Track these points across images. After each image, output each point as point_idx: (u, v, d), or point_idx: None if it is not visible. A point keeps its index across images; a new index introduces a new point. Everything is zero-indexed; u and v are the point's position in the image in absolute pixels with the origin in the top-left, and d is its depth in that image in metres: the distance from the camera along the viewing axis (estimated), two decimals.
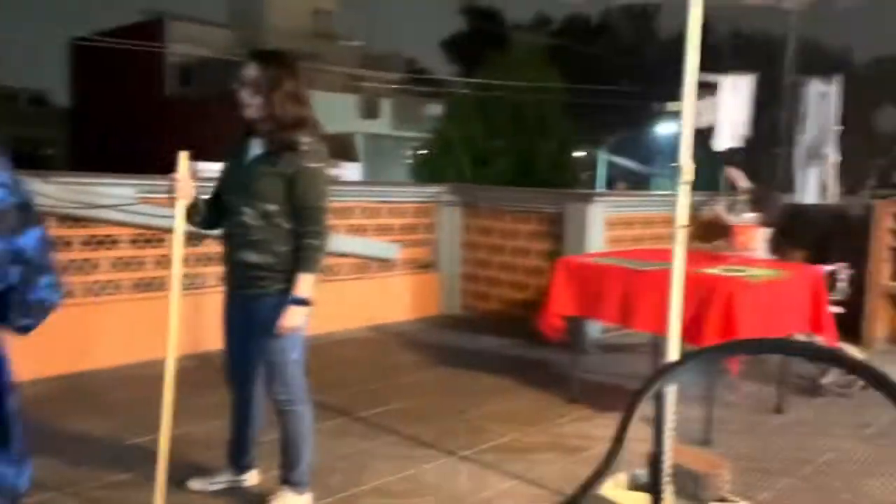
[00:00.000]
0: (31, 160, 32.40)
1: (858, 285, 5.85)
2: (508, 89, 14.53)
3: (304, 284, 2.71)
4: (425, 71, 32.71)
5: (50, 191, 4.41)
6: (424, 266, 6.83)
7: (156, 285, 5.01)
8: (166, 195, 2.73)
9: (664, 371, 1.52)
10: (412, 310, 6.67)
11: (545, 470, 3.43)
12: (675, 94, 2.93)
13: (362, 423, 3.96)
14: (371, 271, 6.38)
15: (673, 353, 2.98)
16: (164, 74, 27.76)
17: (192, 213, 2.79)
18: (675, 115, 3.04)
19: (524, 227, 6.48)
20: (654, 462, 1.56)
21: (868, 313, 6.16)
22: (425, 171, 15.10)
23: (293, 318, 2.71)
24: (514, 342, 5.87)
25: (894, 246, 6.21)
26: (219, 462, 3.19)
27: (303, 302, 2.71)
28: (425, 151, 15.63)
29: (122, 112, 28.46)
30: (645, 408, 1.55)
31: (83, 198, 4.59)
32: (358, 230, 6.26)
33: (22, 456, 1.29)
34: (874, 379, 1.37)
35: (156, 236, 4.97)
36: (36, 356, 4.45)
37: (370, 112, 27.28)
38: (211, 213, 2.86)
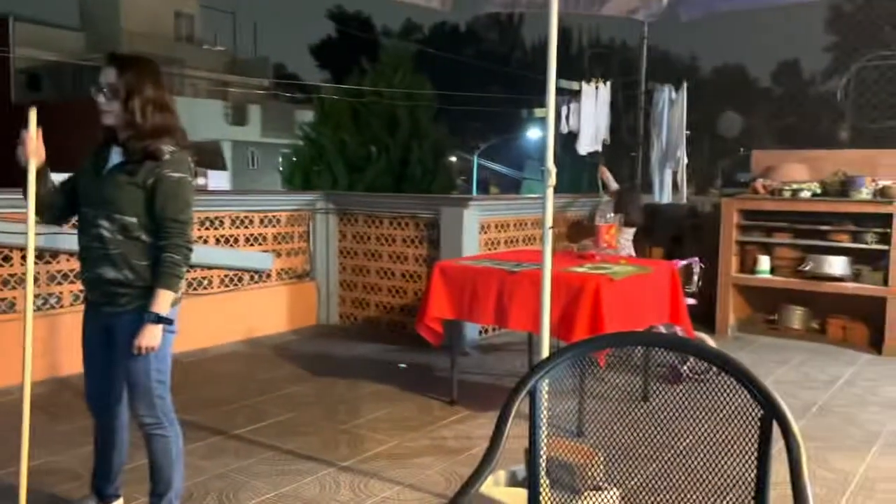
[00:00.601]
0: None
1: (710, 278, 6.31)
2: (380, 95, 14.54)
3: (163, 301, 2.57)
4: (295, 77, 32.18)
5: None
6: (300, 275, 6.70)
7: (4, 307, 4.62)
8: (14, 203, 2.52)
9: (537, 368, 1.57)
10: (289, 321, 6.52)
11: (427, 474, 3.45)
12: (541, 101, 3.04)
13: (237, 441, 3.81)
14: (244, 283, 6.19)
15: (545, 350, 3.09)
16: (10, 79, 25.68)
17: (39, 180, 2.58)
18: (542, 120, 3.16)
19: (400, 232, 6.51)
20: (531, 457, 1.60)
21: (719, 303, 6.65)
22: (298, 179, 14.82)
23: (151, 337, 2.56)
24: (394, 348, 5.87)
25: (740, 240, 6.75)
26: (81, 492, 2.97)
27: (162, 319, 2.57)
28: (296, 158, 15.32)
29: None
30: (521, 405, 1.59)
31: None
32: (229, 241, 6.05)
33: None
34: (726, 365, 1.48)
35: (1, 253, 4.58)
36: None
37: (238, 118, 26.50)
38: (57, 195, 2.67)
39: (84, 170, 2.71)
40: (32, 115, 2.53)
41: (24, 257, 4.60)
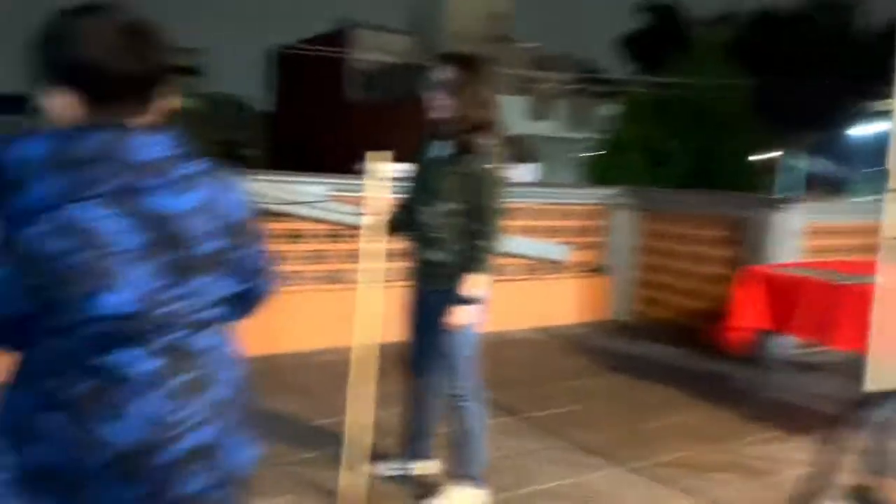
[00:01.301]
0: (235, 161, 35.74)
1: None
2: (689, 88, 13.88)
3: (473, 283, 2.77)
4: (600, 71, 32.08)
5: (254, 188, 4.83)
6: (594, 269, 6.71)
7: (341, 278, 5.33)
8: (354, 194, 2.90)
9: (882, 398, 1.39)
10: (581, 313, 6.57)
11: (727, 491, 3.25)
12: (881, 92, 2.66)
13: (530, 424, 3.96)
14: (540, 273, 6.37)
15: (878, 375, 2.71)
16: (349, 80, 29.41)
17: (389, 223, 2.93)
18: (884, 114, 2.76)
19: (704, 232, 6.17)
20: (863, 496, 1.43)
21: None
22: (597, 173, 14.81)
23: (460, 316, 2.78)
24: (688, 353, 5.61)
25: None
26: (395, 449, 3.33)
27: (470, 300, 2.77)
28: (597, 153, 15.32)
29: (312, 116, 30.55)
30: (847, 435, 1.43)
31: (281, 195, 4.98)
32: (528, 231, 6.27)
33: (248, 437, 1.43)
34: None
35: (342, 232, 5.29)
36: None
37: (541, 114, 27.22)
38: (404, 218, 2.98)
39: (413, 161, 3.02)
40: (371, 158, 2.85)
41: (360, 235, 5.27)
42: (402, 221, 3.00)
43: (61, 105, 1.18)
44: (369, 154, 2.89)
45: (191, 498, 1.30)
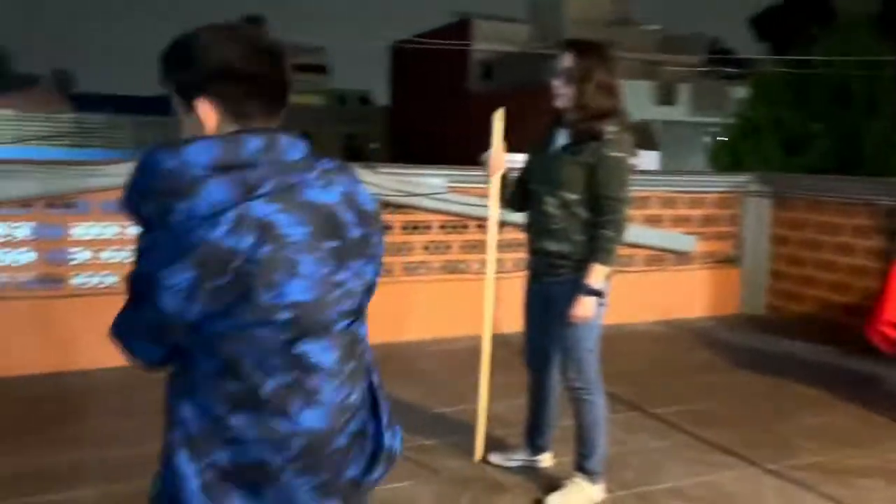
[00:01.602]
0: (359, 154, 37.00)
1: None
2: (830, 65, 12.89)
3: (597, 274, 2.70)
4: (730, 51, 30.47)
5: (376, 180, 4.95)
6: (725, 261, 6.38)
7: (460, 268, 5.38)
8: (474, 185, 2.91)
9: None
10: (709, 306, 6.28)
11: (870, 498, 3.01)
12: None
13: (655, 420, 3.84)
14: (666, 264, 6.14)
15: None
16: (468, 71, 29.58)
17: (501, 186, 2.95)
18: None
19: (848, 221, 5.72)
20: None
21: None
22: (726, 159, 14.09)
23: (584, 308, 2.71)
24: (830, 350, 5.23)
25: None
26: (515, 440, 3.32)
27: (594, 292, 2.70)
28: (726, 137, 14.56)
29: (431, 108, 30.99)
30: None
31: (402, 187, 5.07)
32: (654, 221, 6.06)
33: (391, 421, 1.46)
34: None
35: (461, 223, 5.32)
36: None
37: (666, 98, 26.23)
38: (517, 193, 2.98)
39: (533, 150, 2.98)
40: (498, 119, 2.85)
41: (479, 226, 5.29)
42: (521, 200, 2.96)
43: (211, 115, 1.26)
44: (497, 113, 2.89)
45: (355, 482, 1.37)
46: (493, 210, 2.96)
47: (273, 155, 1.22)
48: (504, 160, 2.93)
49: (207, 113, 1.26)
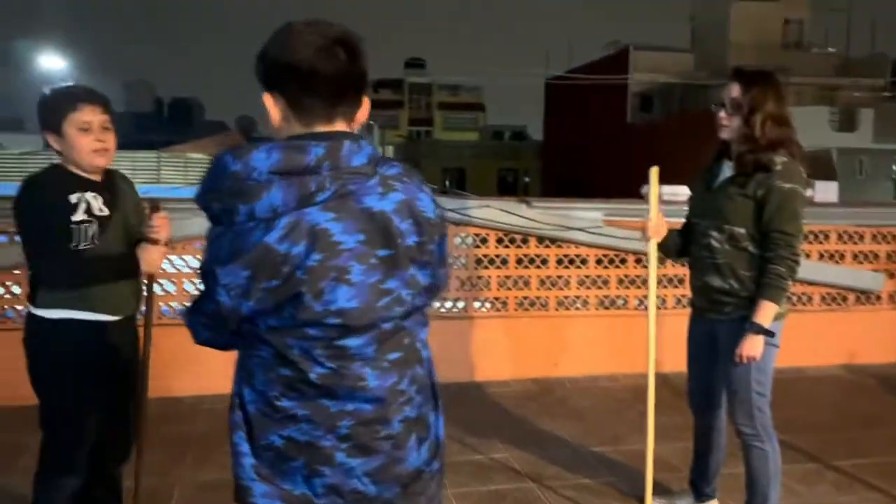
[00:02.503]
0: (513, 187, 37.37)
1: None
2: None
3: (766, 312, 2.54)
4: None
5: (531, 214, 4.98)
6: None
7: (617, 303, 5.25)
8: (634, 222, 2.85)
9: None
10: None
11: None
12: None
13: (836, 473, 3.51)
14: (849, 303, 5.64)
15: None
16: (626, 103, 29.08)
17: (663, 245, 2.86)
18: None
19: None
20: None
21: None
22: None
23: (753, 347, 2.56)
24: None
25: None
26: (677, 484, 3.17)
27: (763, 331, 2.54)
28: None
29: (588, 140, 30.71)
30: None
31: (557, 220, 5.06)
32: (833, 256, 5.60)
33: (441, 412, 1.50)
34: None
35: (619, 256, 5.21)
36: (516, 360, 5.07)
37: (846, 124, 24.27)
38: (682, 242, 2.88)
39: (696, 183, 2.87)
40: (654, 178, 2.79)
41: (637, 261, 5.16)
42: (684, 245, 2.88)
43: (273, 109, 1.32)
44: (652, 172, 2.82)
45: (416, 472, 1.39)
46: (653, 260, 2.88)
47: (334, 161, 1.25)
48: (665, 226, 2.84)
49: (272, 107, 1.32)
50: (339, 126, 1.33)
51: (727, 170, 2.71)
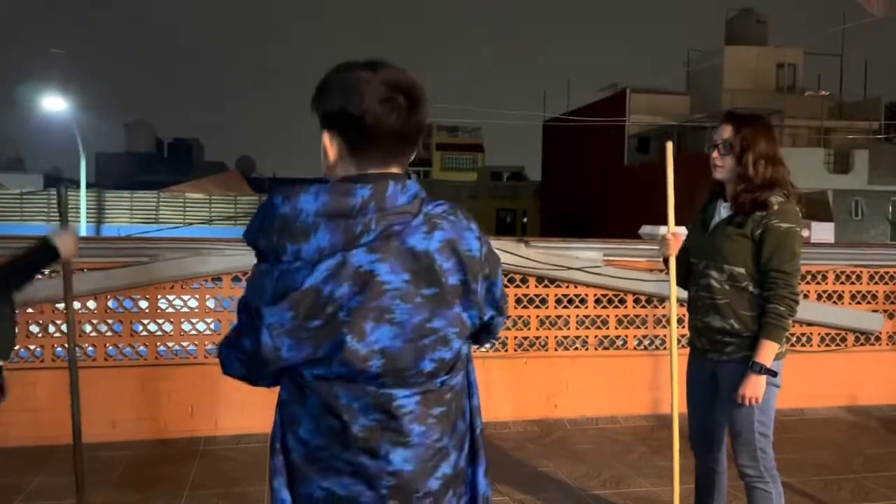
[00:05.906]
0: (511, 227, 37.51)
1: None
2: None
3: (767, 352, 2.53)
4: None
5: (530, 254, 4.99)
6: None
7: (617, 343, 5.22)
8: (630, 259, 2.86)
9: None
10: None
11: None
12: None
13: None
14: (848, 344, 5.62)
15: None
16: (623, 144, 29.36)
17: (678, 263, 2.88)
18: None
19: None
20: None
21: None
22: None
23: (755, 387, 2.54)
24: None
25: None
26: None
27: (766, 370, 2.53)
28: None
29: (585, 181, 30.94)
30: None
31: (555, 260, 5.07)
32: (832, 297, 5.60)
33: (487, 469, 1.48)
34: None
35: (617, 296, 5.20)
36: (516, 400, 5.02)
37: (841, 166, 24.50)
38: (680, 267, 2.90)
39: (693, 224, 2.89)
40: (669, 152, 2.84)
41: (636, 301, 5.15)
42: (679, 280, 2.88)
43: (330, 148, 1.32)
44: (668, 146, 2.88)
45: None
46: (673, 286, 2.89)
47: (380, 202, 1.26)
48: (678, 245, 2.86)
49: (328, 146, 1.32)
50: (393, 170, 1.33)
51: (723, 210, 2.73)
